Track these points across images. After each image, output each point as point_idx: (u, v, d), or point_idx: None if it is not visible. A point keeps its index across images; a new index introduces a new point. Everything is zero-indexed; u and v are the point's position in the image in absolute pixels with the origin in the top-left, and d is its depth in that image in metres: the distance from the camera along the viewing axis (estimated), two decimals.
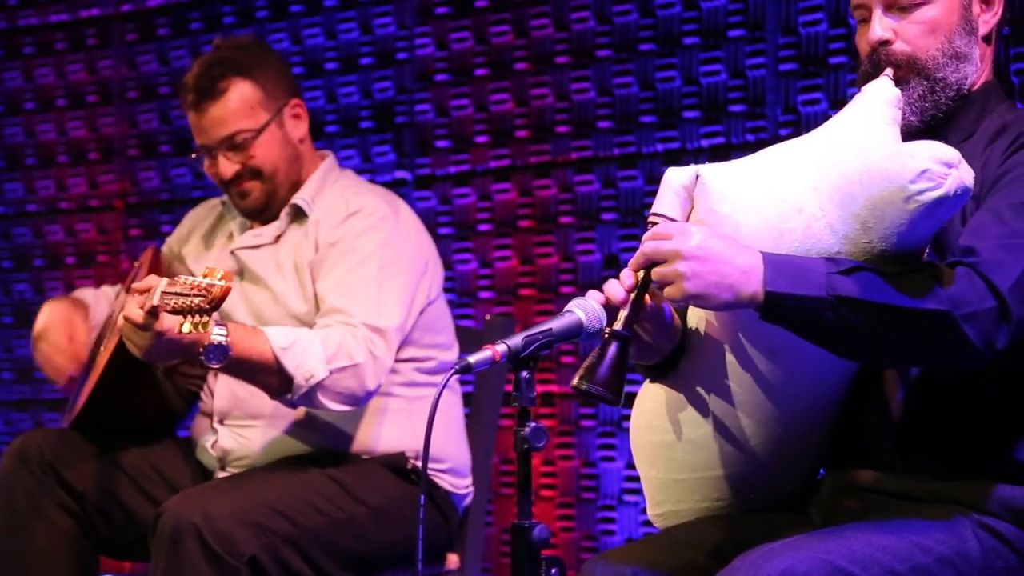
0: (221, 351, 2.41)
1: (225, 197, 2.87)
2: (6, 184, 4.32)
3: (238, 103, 2.69)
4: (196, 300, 2.26)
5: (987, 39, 2.00)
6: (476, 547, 2.85)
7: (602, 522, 3.47)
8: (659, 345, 1.93)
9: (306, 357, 2.53)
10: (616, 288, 1.84)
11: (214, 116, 2.70)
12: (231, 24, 3.98)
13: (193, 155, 2.78)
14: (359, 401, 2.61)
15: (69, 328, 2.77)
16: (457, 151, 3.68)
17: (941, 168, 1.79)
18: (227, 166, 2.72)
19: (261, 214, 2.78)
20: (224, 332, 2.43)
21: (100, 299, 2.89)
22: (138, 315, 2.37)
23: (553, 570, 1.80)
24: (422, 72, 3.73)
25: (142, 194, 4.14)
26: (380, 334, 2.60)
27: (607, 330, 1.83)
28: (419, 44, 3.73)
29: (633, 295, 1.84)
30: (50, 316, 2.77)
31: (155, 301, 2.31)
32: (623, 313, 1.84)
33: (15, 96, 4.30)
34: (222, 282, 2.26)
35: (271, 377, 2.53)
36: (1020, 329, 1.80)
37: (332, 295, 2.64)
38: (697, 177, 1.89)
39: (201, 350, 2.41)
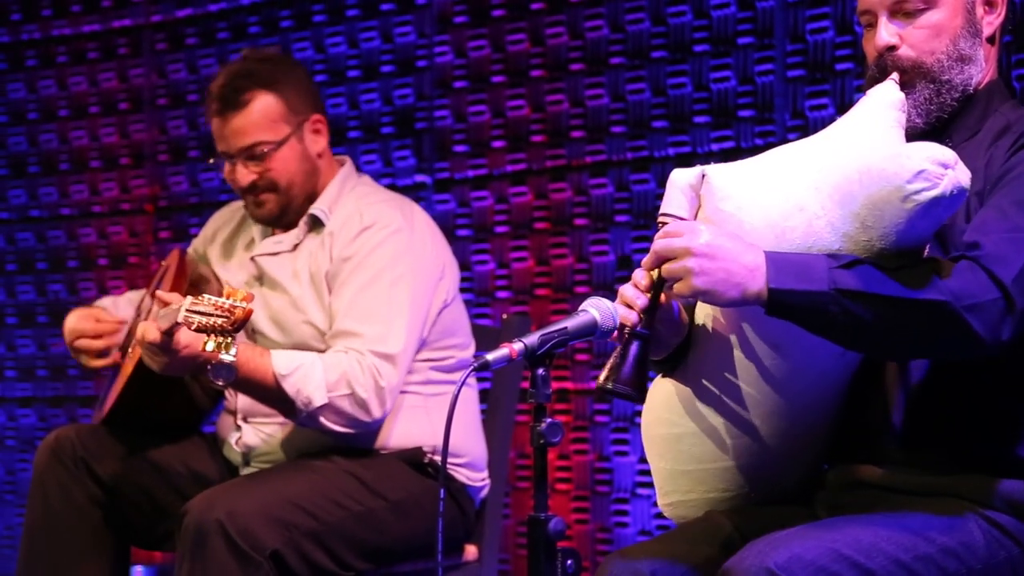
0: (228, 371, 2.44)
1: None
2: (41, 188, 4.33)
3: (260, 115, 2.68)
4: (219, 321, 2.27)
5: (991, 40, 1.99)
6: (493, 539, 2.84)
7: (616, 514, 3.46)
8: (667, 340, 1.92)
9: (306, 383, 2.54)
10: (633, 292, 1.84)
11: (236, 126, 2.69)
12: (256, 34, 3.98)
13: (212, 160, 2.78)
14: (364, 426, 2.61)
15: (92, 318, 2.79)
16: (475, 155, 3.68)
17: (937, 169, 1.78)
18: (244, 175, 2.71)
19: (277, 223, 2.78)
20: (234, 352, 2.44)
21: (120, 304, 2.90)
22: (155, 336, 2.39)
23: (568, 561, 1.80)
24: (441, 79, 3.72)
25: (171, 198, 4.14)
26: (388, 360, 2.60)
27: (627, 330, 1.82)
28: (438, 52, 3.73)
29: (650, 295, 1.84)
30: (72, 320, 2.80)
31: (179, 319, 2.32)
32: (643, 314, 1.83)
33: (50, 104, 4.31)
34: (244, 304, 2.27)
35: (275, 399, 2.56)
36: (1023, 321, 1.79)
37: (343, 317, 2.63)
38: (703, 176, 1.89)
39: (209, 367, 2.43)
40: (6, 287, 4.35)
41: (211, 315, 2.27)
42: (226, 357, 2.42)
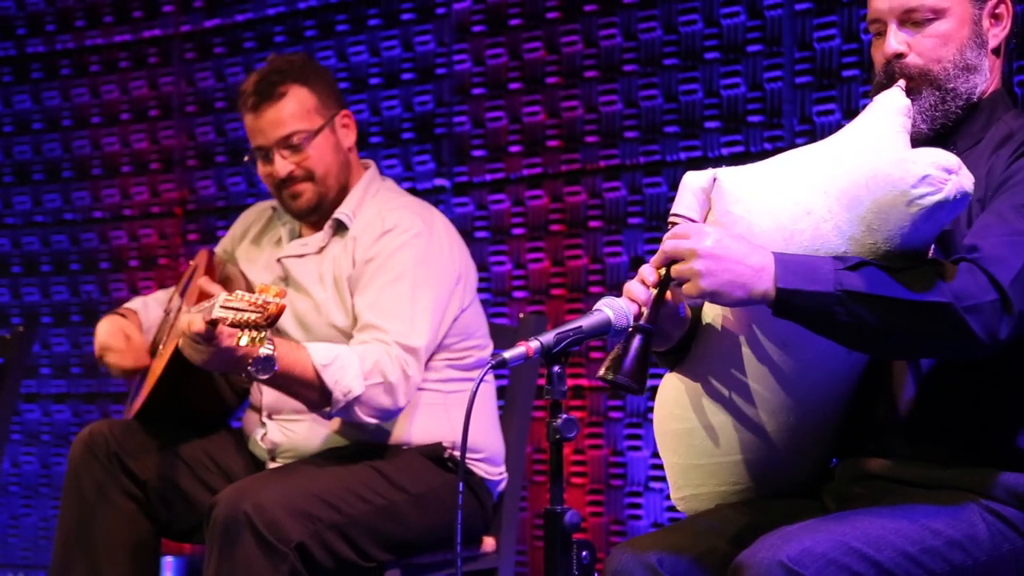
0: (268, 364, 2.42)
1: (275, 202, 2.87)
2: (74, 192, 4.34)
3: (296, 106, 2.70)
4: (253, 316, 2.25)
5: (996, 51, 1.99)
6: (511, 531, 2.84)
7: (629, 507, 3.46)
8: (670, 333, 1.92)
9: (344, 373, 2.53)
10: (638, 288, 1.84)
11: (272, 117, 2.70)
12: (281, 43, 3.99)
13: (247, 158, 2.78)
14: (389, 415, 2.61)
15: (123, 335, 2.77)
16: (492, 160, 3.68)
17: (941, 174, 1.78)
18: (282, 165, 2.71)
19: (311, 215, 2.77)
20: (272, 346, 2.44)
21: (149, 304, 2.89)
22: (200, 327, 2.37)
23: (583, 553, 1.79)
24: (460, 86, 3.72)
25: (200, 201, 4.15)
26: (412, 353, 2.60)
27: (632, 325, 1.82)
28: (457, 60, 3.73)
29: (655, 292, 1.84)
30: (105, 332, 2.78)
31: (214, 315, 2.30)
32: (645, 309, 1.83)
33: (83, 111, 4.33)
34: (277, 300, 2.25)
35: (312, 391, 2.53)
36: (1022, 321, 1.78)
37: (368, 312, 2.63)
38: (714, 180, 1.89)
39: (250, 362, 2.42)
40: (41, 288, 4.37)
41: (245, 310, 2.25)
42: (265, 350, 2.41)
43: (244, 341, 2.26)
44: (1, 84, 4.44)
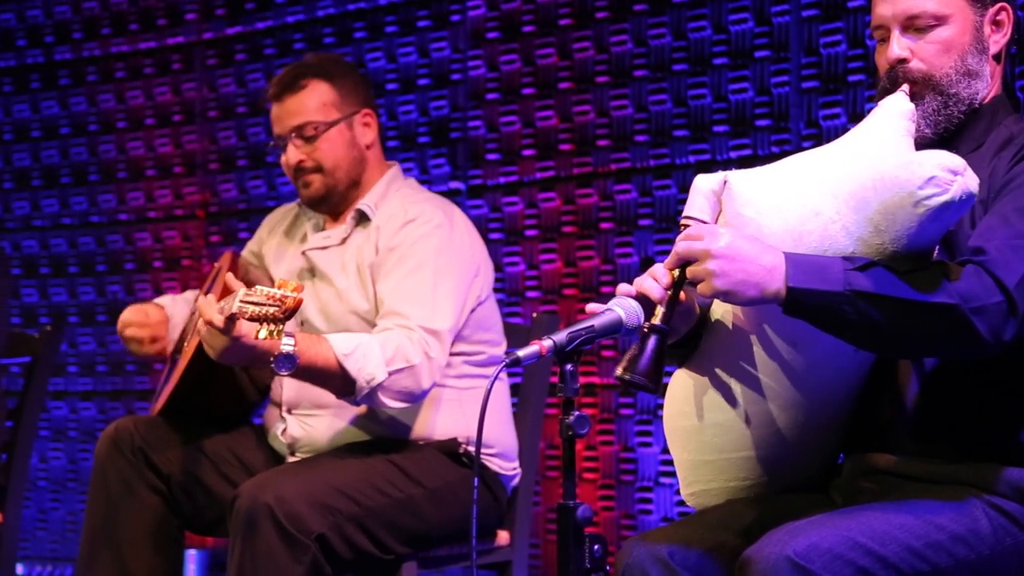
0: (290, 360, 2.42)
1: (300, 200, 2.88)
2: (100, 195, 4.36)
3: (313, 98, 2.72)
4: (271, 310, 2.25)
5: (997, 57, 1.99)
6: (524, 525, 2.84)
7: (640, 502, 3.46)
8: (677, 328, 1.92)
9: (366, 361, 2.53)
10: (653, 285, 1.84)
11: (290, 106, 2.72)
12: (301, 50, 4.00)
13: (271, 145, 2.80)
14: (416, 398, 2.60)
15: (143, 314, 2.81)
16: (506, 163, 3.68)
17: (947, 175, 1.78)
18: (293, 153, 2.73)
19: (321, 204, 2.78)
20: (292, 342, 2.44)
21: (178, 302, 2.90)
22: (219, 320, 2.37)
23: (595, 546, 1.79)
24: (474, 91, 3.73)
25: (222, 204, 4.16)
26: (435, 336, 2.60)
27: (646, 325, 1.82)
28: (472, 66, 3.73)
29: (670, 292, 1.84)
30: (125, 313, 2.82)
31: (233, 309, 2.31)
32: (660, 309, 1.83)
33: (108, 116, 4.35)
34: (294, 294, 2.26)
35: (335, 381, 2.53)
36: None
37: (391, 298, 2.63)
38: (725, 182, 1.89)
39: (272, 359, 2.42)
40: (68, 288, 4.39)
41: (264, 304, 2.26)
42: (286, 347, 2.41)
43: (263, 335, 2.26)
44: (29, 90, 4.46)
